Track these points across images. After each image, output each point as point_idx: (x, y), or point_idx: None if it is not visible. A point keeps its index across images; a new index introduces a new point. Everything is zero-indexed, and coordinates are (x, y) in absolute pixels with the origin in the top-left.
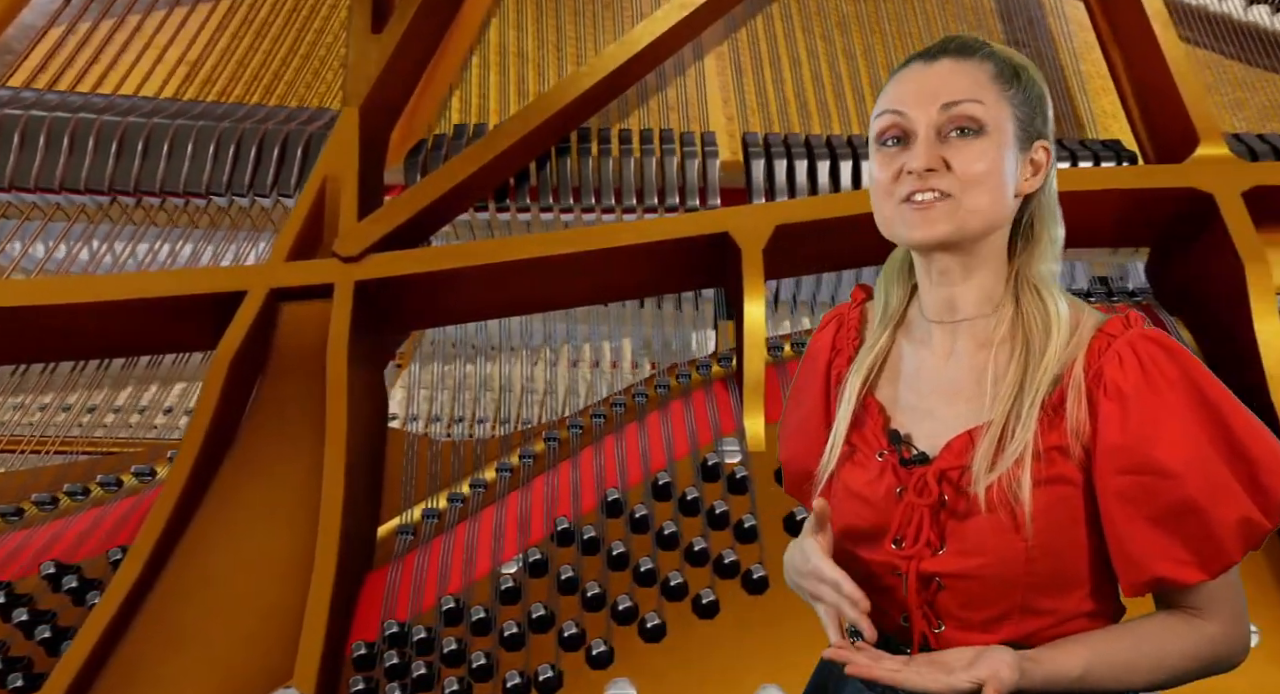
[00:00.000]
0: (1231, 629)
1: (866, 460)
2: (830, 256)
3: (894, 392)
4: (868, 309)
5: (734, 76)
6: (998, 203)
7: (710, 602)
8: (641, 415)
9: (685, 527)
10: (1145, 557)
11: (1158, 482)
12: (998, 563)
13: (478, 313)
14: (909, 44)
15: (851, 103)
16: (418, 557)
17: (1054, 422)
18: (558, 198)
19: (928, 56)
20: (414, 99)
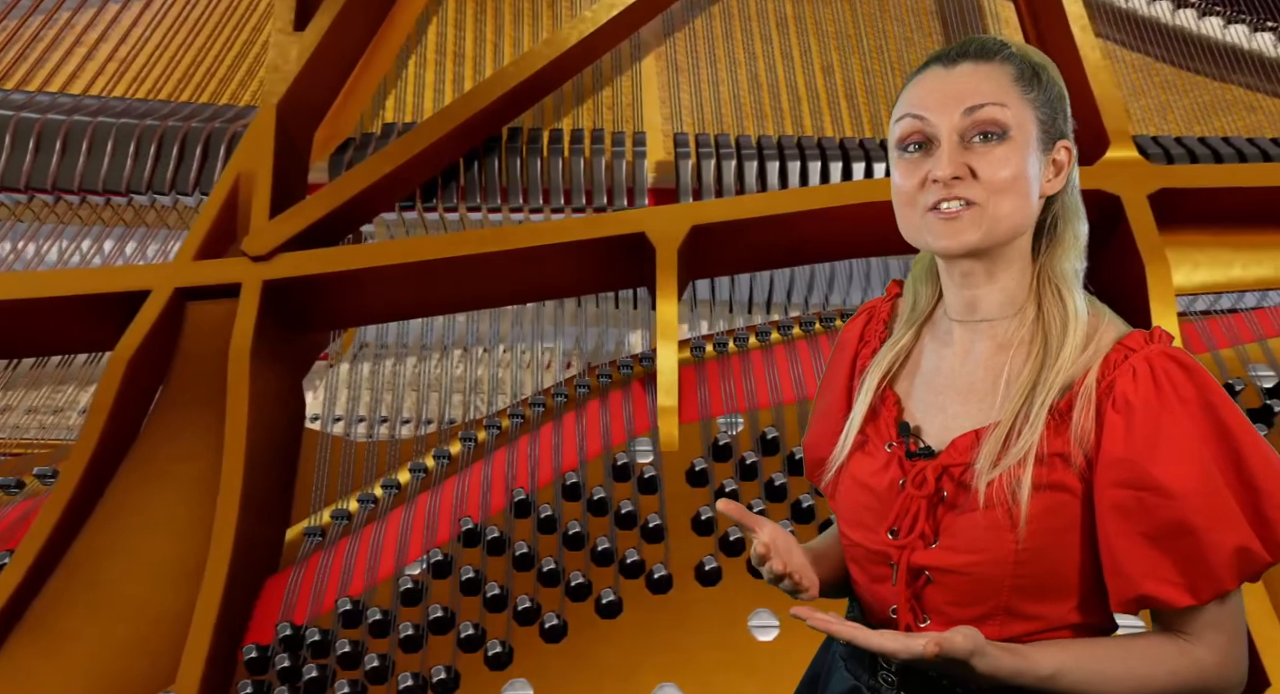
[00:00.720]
0: (1224, 659)
1: (876, 451)
2: (754, 257)
3: (911, 387)
4: (899, 303)
5: (672, 76)
6: (1023, 208)
7: (611, 601)
8: (559, 415)
9: (592, 526)
10: (1134, 573)
11: (1155, 499)
12: (987, 562)
13: (398, 313)
14: (847, 45)
15: (787, 104)
16: (322, 559)
17: (1060, 427)
18: (485, 198)
19: (947, 60)
20: (342, 97)
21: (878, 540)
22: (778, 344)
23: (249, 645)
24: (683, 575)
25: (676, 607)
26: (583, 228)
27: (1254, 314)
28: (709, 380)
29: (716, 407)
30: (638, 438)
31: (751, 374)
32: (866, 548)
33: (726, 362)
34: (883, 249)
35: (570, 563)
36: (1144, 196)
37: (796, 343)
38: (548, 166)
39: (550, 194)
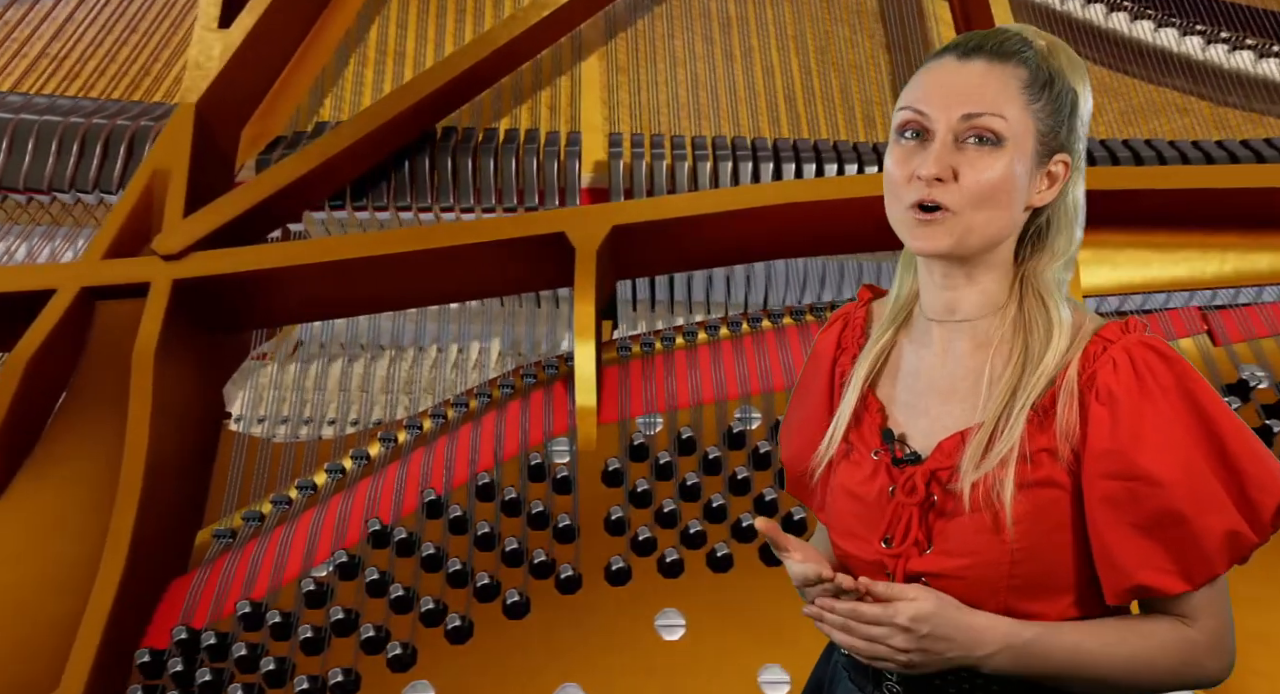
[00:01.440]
0: (1215, 642)
1: (862, 459)
2: (680, 258)
3: (893, 390)
4: (874, 308)
5: (614, 77)
6: (1001, 219)
7: (515, 602)
8: (480, 416)
9: (504, 527)
10: (1129, 564)
11: (1144, 488)
12: (981, 564)
13: (320, 312)
14: (789, 46)
15: (727, 105)
16: (228, 561)
17: (1044, 423)
18: (415, 197)
19: (963, 50)
20: (272, 95)
21: (871, 550)
22: (703, 344)
23: (142, 650)
24: (592, 575)
25: (584, 607)
26: (503, 228)
27: (1166, 314)
28: (631, 381)
29: (637, 407)
30: (556, 438)
31: (674, 375)
32: (860, 558)
33: (650, 362)
34: (809, 250)
35: (480, 563)
36: None
37: (721, 343)
38: (479, 166)
39: (482, 194)
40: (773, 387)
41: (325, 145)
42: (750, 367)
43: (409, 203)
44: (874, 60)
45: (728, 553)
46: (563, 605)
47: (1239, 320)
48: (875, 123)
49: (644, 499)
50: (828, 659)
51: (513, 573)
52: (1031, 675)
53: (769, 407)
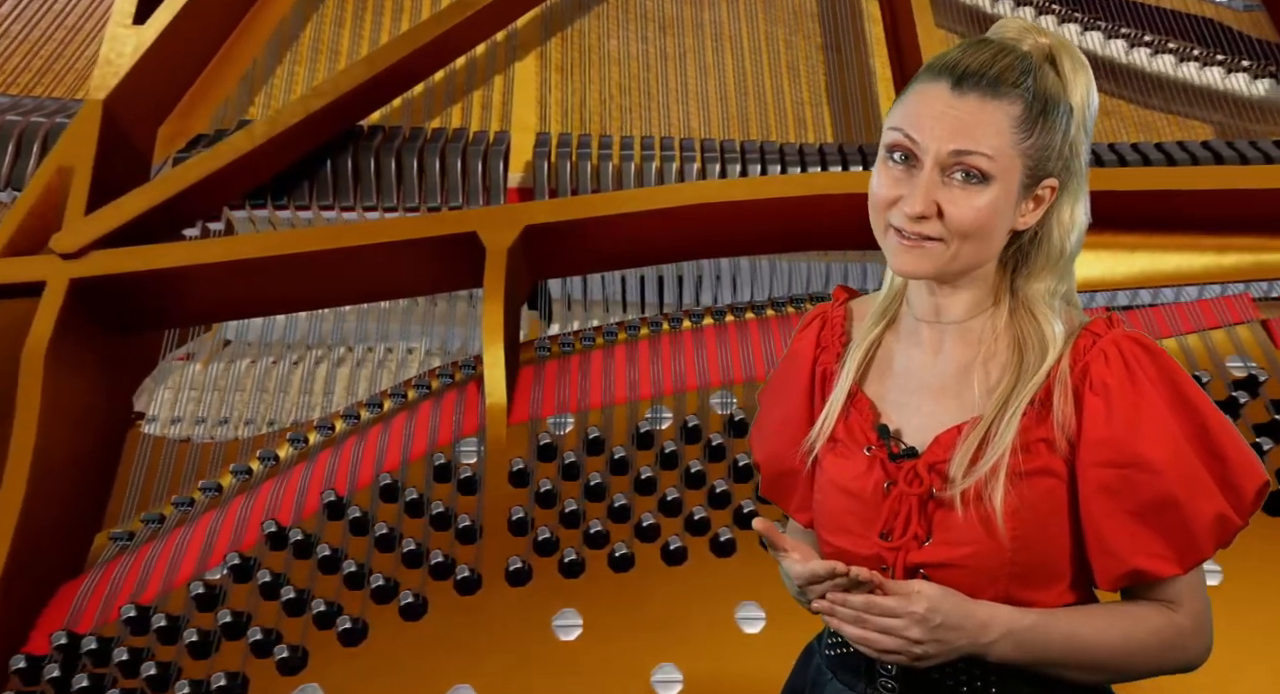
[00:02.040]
0: (1199, 625)
1: (852, 454)
2: (600, 258)
3: (882, 388)
4: (852, 307)
5: (549, 76)
6: (986, 249)
7: (409, 603)
8: (391, 416)
9: (407, 528)
10: (1124, 550)
11: (1140, 475)
12: (983, 553)
13: (231, 312)
14: (722, 46)
15: (659, 104)
16: (121, 564)
17: (1040, 415)
18: (338, 196)
19: (959, 82)
20: (194, 93)
21: (868, 544)
22: (620, 344)
23: (18, 656)
24: (493, 576)
25: (482, 607)
26: (413, 227)
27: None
28: (546, 381)
29: (548, 407)
30: (465, 438)
31: (589, 375)
32: (855, 553)
33: (567, 362)
34: (728, 250)
35: (379, 565)
36: None
37: (639, 344)
38: (403, 165)
39: (405, 193)
40: (685, 387)
41: (237, 143)
42: (665, 367)
43: (331, 202)
44: (809, 61)
45: (627, 553)
46: (461, 606)
47: (1145, 321)
48: (807, 124)
49: (549, 499)
50: (807, 663)
51: (411, 574)
52: (1030, 662)
53: (680, 407)
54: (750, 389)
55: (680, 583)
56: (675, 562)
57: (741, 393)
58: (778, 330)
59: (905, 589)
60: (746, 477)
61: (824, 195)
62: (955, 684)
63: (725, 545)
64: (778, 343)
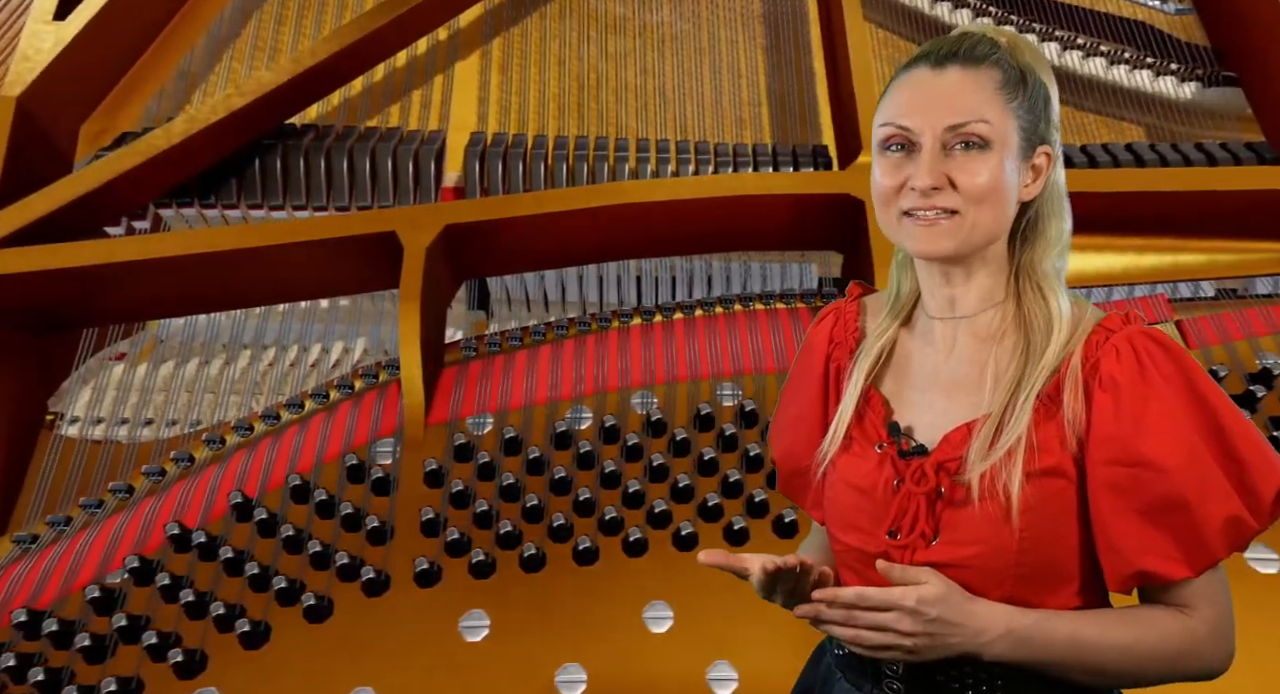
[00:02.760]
0: (1216, 630)
1: (865, 452)
2: (524, 257)
3: (896, 386)
4: (865, 303)
5: (490, 76)
6: (1001, 216)
7: (313, 605)
8: (309, 417)
9: (317, 529)
10: (1132, 550)
11: (1148, 474)
12: (989, 553)
13: (146, 312)
14: (670, 48)
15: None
16: (20, 567)
17: (1050, 412)
18: (266, 195)
19: (936, 61)
20: (121, 91)
21: (876, 542)
22: (546, 344)
23: None
24: (401, 577)
25: (389, 609)
26: (333, 226)
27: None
28: (469, 381)
29: (469, 407)
30: (382, 439)
31: (512, 375)
32: (863, 550)
33: (491, 362)
34: (653, 251)
35: (285, 566)
36: None
37: (565, 343)
38: (333, 164)
39: (334, 193)
40: (607, 387)
41: (154, 140)
42: (588, 367)
43: (260, 201)
44: (752, 62)
45: (535, 553)
46: (368, 608)
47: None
48: (745, 124)
49: (463, 500)
50: (817, 663)
51: (318, 576)
52: (1032, 663)
53: (600, 407)
54: (670, 390)
55: (590, 583)
56: (586, 562)
57: (662, 393)
58: (702, 331)
59: (912, 578)
60: (662, 476)
61: (746, 196)
62: (961, 686)
63: (636, 545)
64: (702, 343)
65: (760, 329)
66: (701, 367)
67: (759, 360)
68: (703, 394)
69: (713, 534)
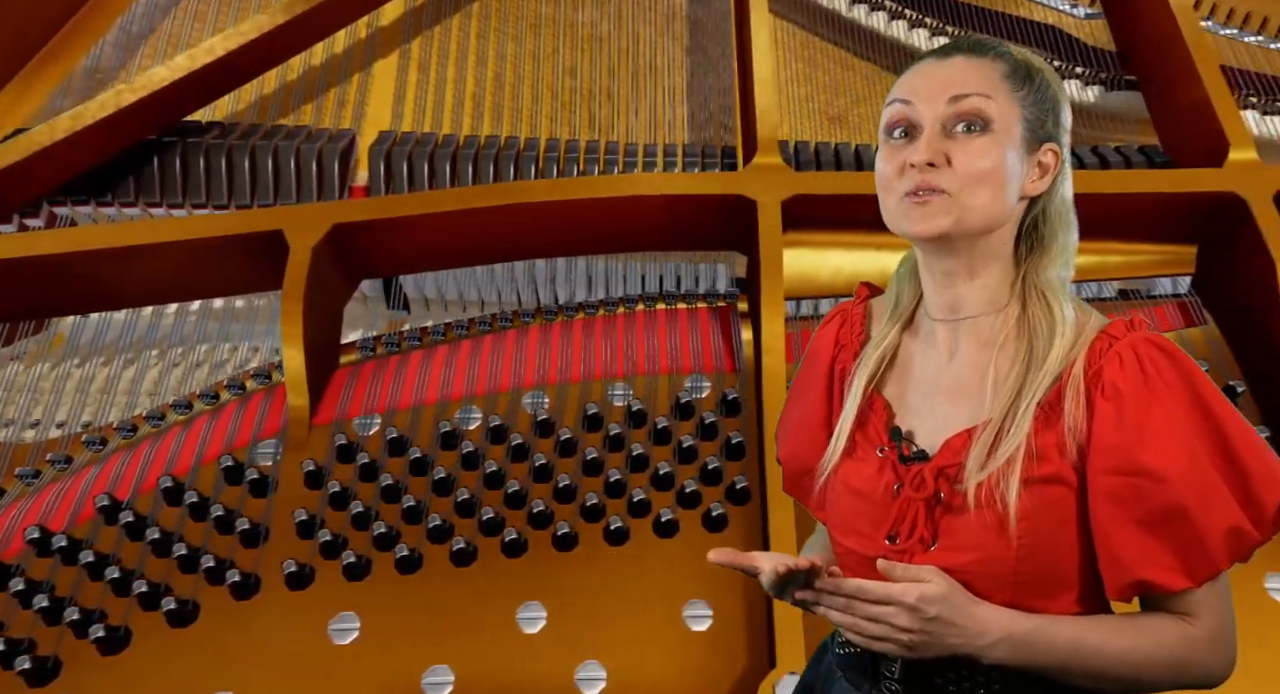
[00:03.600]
0: (1217, 640)
1: (867, 456)
2: (419, 257)
3: (899, 390)
4: (872, 305)
5: (410, 74)
6: (997, 201)
7: (173, 609)
8: (194, 418)
9: (189, 531)
10: (1132, 560)
11: (1148, 484)
12: (987, 560)
13: (26, 311)
14: (595, 48)
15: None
16: None
17: (1050, 420)
18: (165, 193)
19: (941, 53)
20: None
21: (876, 547)
22: (443, 344)
23: None
24: (273, 580)
25: (258, 612)
26: (218, 225)
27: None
28: (360, 381)
29: (356, 408)
30: (264, 441)
31: (404, 375)
32: (863, 554)
33: (385, 363)
34: (551, 250)
35: (152, 570)
36: (778, 201)
37: (461, 344)
38: (233, 162)
39: (235, 191)
40: (499, 387)
41: (37, 136)
42: (482, 367)
43: (158, 198)
44: (674, 62)
45: (409, 554)
46: (235, 611)
47: None
48: (664, 125)
49: (341, 501)
50: (819, 661)
51: (185, 579)
52: (1030, 668)
53: (490, 407)
54: (562, 390)
55: (467, 584)
56: (463, 563)
57: (554, 393)
58: (601, 331)
59: (914, 576)
60: (545, 476)
61: (641, 197)
62: (958, 689)
63: (514, 545)
64: (598, 343)
65: (658, 329)
66: (595, 367)
67: (653, 361)
68: (594, 394)
69: (592, 534)
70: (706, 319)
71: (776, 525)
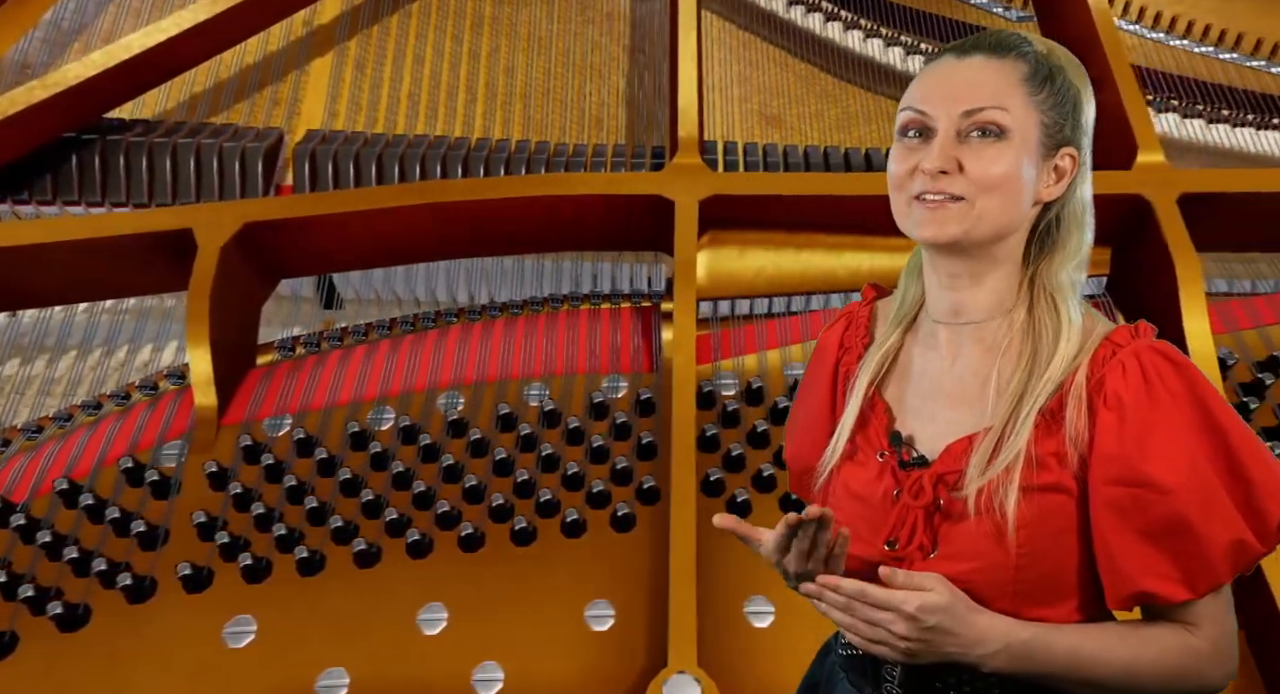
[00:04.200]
0: (1217, 650)
1: (867, 460)
2: (338, 256)
3: (901, 393)
4: (878, 307)
5: (346, 72)
6: (1010, 209)
7: (60, 613)
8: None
9: (86, 534)
10: (1132, 570)
11: (1150, 495)
12: (986, 568)
13: None
14: (535, 47)
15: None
16: None
17: (1052, 428)
18: (84, 191)
19: (961, 50)
20: None
21: (875, 552)
22: (362, 345)
23: None
24: (171, 583)
25: (152, 615)
26: (125, 223)
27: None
28: (273, 381)
29: (268, 408)
30: (170, 442)
31: (319, 375)
32: (861, 559)
33: (301, 363)
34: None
35: (44, 574)
36: (695, 202)
37: (380, 344)
38: (154, 160)
39: (156, 189)
40: (414, 387)
41: None
42: (399, 367)
43: (77, 197)
44: (615, 63)
45: (309, 556)
46: (129, 615)
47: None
48: (603, 124)
49: (244, 502)
50: (823, 660)
51: (78, 583)
52: (1030, 676)
53: (404, 407)
54: (478, 390)
55: (368, 585)
56: (366, 564)
57: (469, 393)
58: (522, 331)
59: (917, 584)
60: (454, 477)
61: (559, 196)
62: (959, 692)
63: (418, 546)
64: (518, 344)
65: (580, 330)
66: (513, 367)
67: (571, 361)
68: (510, 395)
69: (499, 534)
70: (629, 319)
71: (678, 527)
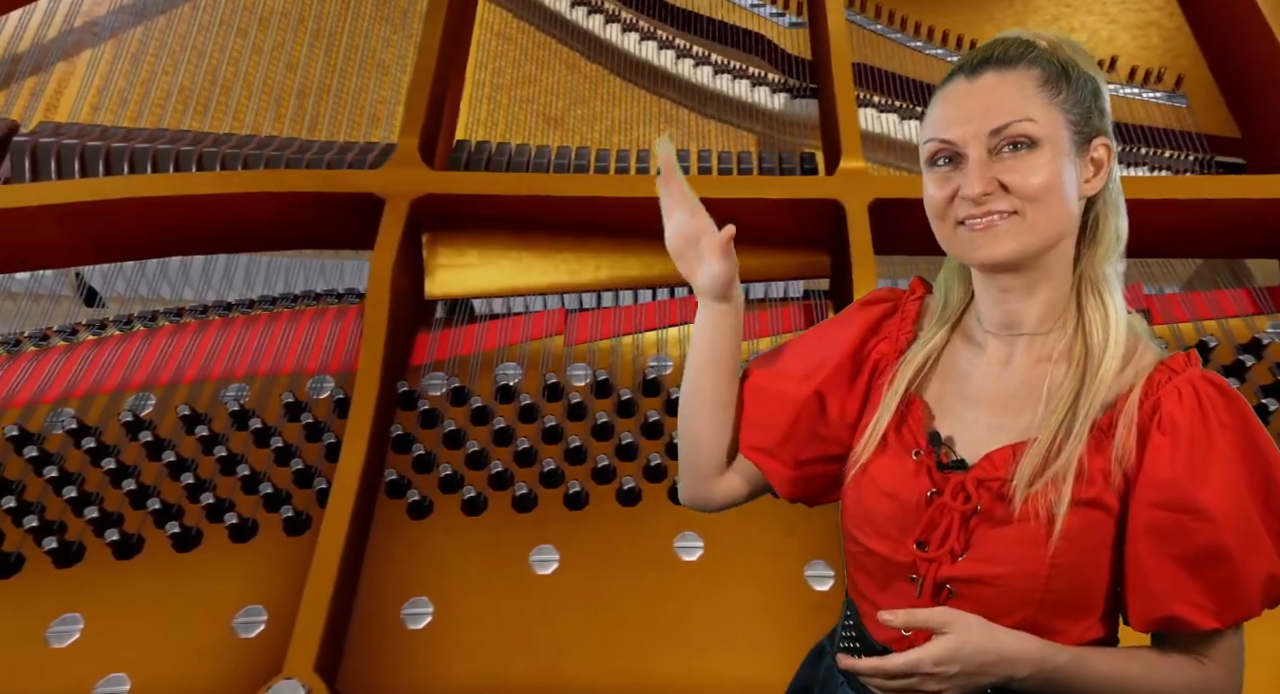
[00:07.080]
0: (1232, 680)
1: (901, 457)
2: (50, 253)
3: (941, 393)
4: (928, 302)
5: (121, 65)
6: (1061, 215)
7: None
8: None
9: None
10: (1164, 594)
11: (1195, 522)
12: (1019, 575)
13: None
14: (323, 43)
15: (224, 99)
16: None
17: (1100, 444)
18: None
19: (970, 70)
20: None
21: (904, 552)
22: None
23: None
24: None
25: None
26: None
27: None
28: None
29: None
30: None
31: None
32: (886, 558)
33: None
34: (205, 247)
35: None
36: (407, 200)
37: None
38: None
39: None
40: (158, 381)
41: None
42: (91, 367)
43: None
44: (403, 59)
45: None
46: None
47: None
48: (380, 121)
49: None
50: (817, 661)
51: None
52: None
53: (84, 409)
54: (171, 391)
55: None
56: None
57: (160, 394)
58: (237, 330)
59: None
60: (118, 481)
61: (270, 193)
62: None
63: (63, 554)
64: (228, 343)
65: (296, 329)
66: (215, 367)
67: (277, 361)
68: (203, 396)
69: (159, 540)
70: (351, 319)
71: (329, 528)
